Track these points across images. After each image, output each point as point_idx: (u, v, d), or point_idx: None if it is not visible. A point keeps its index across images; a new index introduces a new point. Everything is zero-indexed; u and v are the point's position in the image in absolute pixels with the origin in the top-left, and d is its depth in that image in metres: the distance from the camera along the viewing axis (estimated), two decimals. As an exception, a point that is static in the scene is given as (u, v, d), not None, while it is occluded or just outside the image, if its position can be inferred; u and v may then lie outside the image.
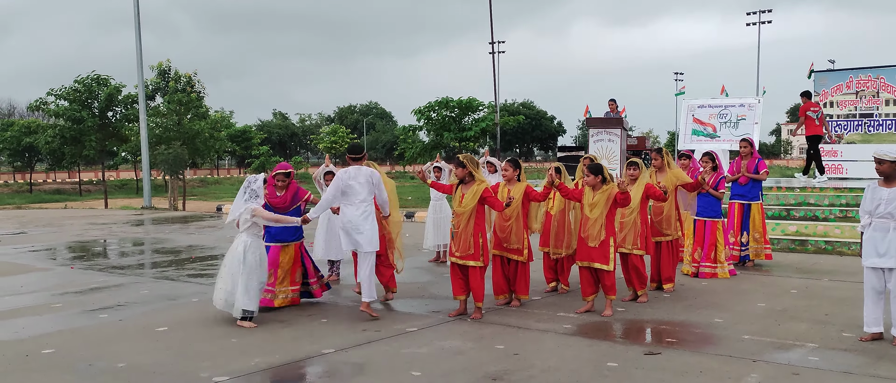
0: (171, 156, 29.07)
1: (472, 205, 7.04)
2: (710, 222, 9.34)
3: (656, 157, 9.00)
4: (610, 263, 7.20)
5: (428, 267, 10.77)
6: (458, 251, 7.15)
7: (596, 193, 7.22)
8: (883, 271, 6.15)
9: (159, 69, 36.81)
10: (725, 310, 7.52)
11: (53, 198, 39.23)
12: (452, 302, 7.61)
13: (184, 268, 10.84)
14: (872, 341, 6.24)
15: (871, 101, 15.67)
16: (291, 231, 7.70)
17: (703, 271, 9.37)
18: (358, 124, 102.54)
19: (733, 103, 17.24)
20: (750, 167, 10.24)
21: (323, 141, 78.43)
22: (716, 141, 16.90)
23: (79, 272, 10.57)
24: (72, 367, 5.68)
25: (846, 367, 5.54)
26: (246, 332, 6.72)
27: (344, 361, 5.82)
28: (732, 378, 5.28)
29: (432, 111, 34.98)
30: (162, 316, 7.51)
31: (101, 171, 44.36)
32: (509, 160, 7.83)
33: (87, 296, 8.64)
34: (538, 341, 6.37)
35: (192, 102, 31.93)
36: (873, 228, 6.17)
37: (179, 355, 5.99)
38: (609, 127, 17.13)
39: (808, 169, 15.92)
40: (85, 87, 36.10)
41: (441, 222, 10.93)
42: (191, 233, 16.42)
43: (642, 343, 6.41)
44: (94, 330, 6.90)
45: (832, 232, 12.20)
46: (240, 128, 70.07)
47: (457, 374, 5.41)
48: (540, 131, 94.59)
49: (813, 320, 7.07)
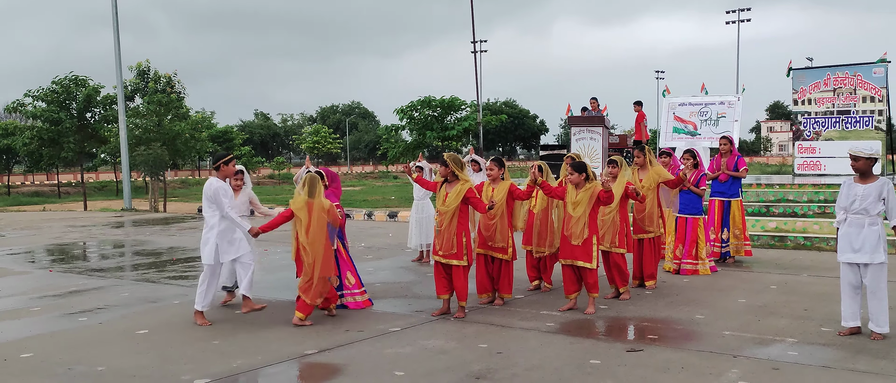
0: (152, 158, 28.81)
1: (456, 205, 7.04)
2: (691, 219, 9.41)
3: (639, 155, 9.05)
4: (593, 261, 7.24)
5: (411, 266, 10.77)
6: (442, 250, 7.15)
7: (579, 191, 7.25)
8: (858, 266, 6.23)
9: (138, 69, 36.43)
10: (706, 307, 7.58)
11: (31, 201, 38.74)
12: (436, 301, 7.61)
13: (165, 271, 10.75)
14: (850, 335, 6.31)
15: (848, 98, 15.84)
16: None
17: (685, 268, 9.44)
18: (340, 124, 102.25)
19: (713, 101, 17.38)
20: (730, 164, 10.34)
21: (305, 141, 78.10)
22: (696, 138, 17.04)
23: (58, 275, 10.45)
24: (51, 372, 5.62)
25: (825, 362, 5.60)
26: (228, 334, 6.68)
27: (326, 362, 5.81)
28: (713, 373, 5.32)
29: (415, 110, 34.90)
30: (142, 318, 7.45)
31: (80, 173, 43.86)
32: (494, 159, 7.85)
33: (67, 300, 8.55)
34: (521, 339, 6.39)
35: (172, 103, 31.65)
36: (848, 224, 6.24)
37: (160, 358, 5.94)
38: (591, 125, 17.21)
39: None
40: (63, 87, 35.69)
41: (424, 222, 10.94)
42: (172, 234, 16.30)
43: (625, 340, 6.45)
44: (74, 334, 6.83)
45: (811, 228, 12.33)
46: (221, 129, 69.56)
47: (440, 374, 5.41)
48: (522, 130, 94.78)
49: (792, 315, 7.15)
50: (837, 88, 16.00)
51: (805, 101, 16.39)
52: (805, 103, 16.39)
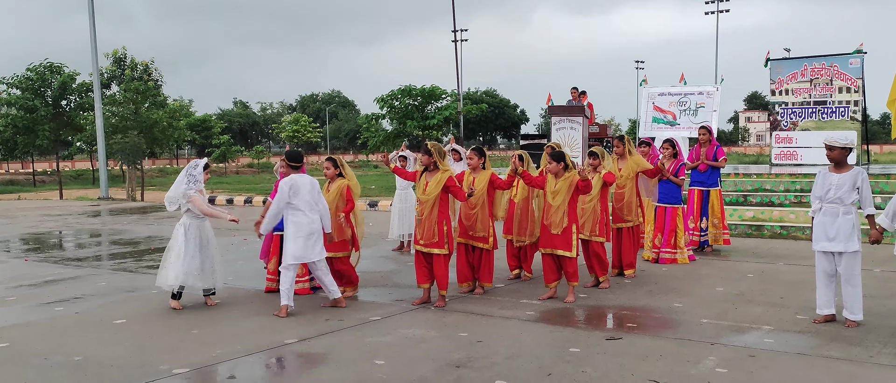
0: (129, 146, 28.51)
1: (436, 193, 7.04)
2: (670, 208, 9.48)
3: (618, 144, 9.10)
4: (572, 250, 7.27)
5: (392, 256, 10.76)
6: (423, 239, 7.15)
7: (558, 180, 7.28)
8: (833, 255, 6.32)
9: (115, 57, 35.93)
10: (685, 295, 7.65)
11: (6, 190, 38.19)
12: (416, 290, 7.62)
13: (142, 260, 10.66)
14: (825, 323, 6.40)
15: (824, 89, 16.01)
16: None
17: (664, 257, 9.52)
18: (320, 113, 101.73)
19: (692, 91, 17.47)
20: (708, 154, 10.42)
21: (285, 130, 77.58)
22: (675, 128, 17.13)
23: (33, 264, 10.33)
24: (27, 361, 5.55)
25: (800, 349, 5.68)
26: (207, 323, 6.65)
27: (307, 351, 5.80)
28: (691, 361, 5.38)
29: (395, 99, 34.84)
30: (120, 308, 7.38)
31: (55, 161, 43.33)
32: (474, 148, 7.85)
33: (43, 289, 8.46)
34: (501, 328, 6.41)
35: (149, 91, 31.31)
36: (823, 213, 6.32)
37: (138, 347, 5.90)
38: (571, 115, 17.25)
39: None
40: (37, 75, 35.20)
41: (406, 212, 10.93)
42: (149, 223, 16.16)
43: (604, 328, 6.50)
44: (50, 324, 6.76)
45: (787, 217, 12.48)
46: (199, 118, 68.96)
47: (420, 362, 5.42)
48: (503, 119, 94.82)
49: (768, 303, 7.24)
50: (814, 79, 16.17)
51: (782, 92, 16.54)
52: (782, 94, 16.55)
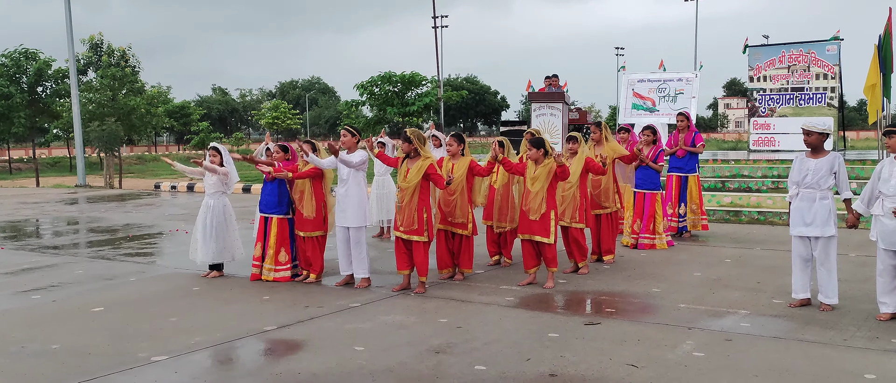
0: (106, 133, 28.17)
1: (417, 181, 7.04)
2: (649, 194, 9.54)
3: (595, 131, 9.14)
4: (551, 236, 7.30)
5: (372, 242, 10.75)
6: (403, 226, 7.15)
7: (538, 167, 7.29)
8: (809, 239, 6.40)
9: (91, 43, 35.44)
10: (663, 280, 7.72)
11: (-19, 177, 37.69)
12: (396, 277, 7.62)
13: (120, 248, 10.57)
14: (801, 307, 6.49)
15: (802, 75, 16.16)
16: (273, 203, 7.72)
17: (642, 242, 9.59)
18: (300, 99, 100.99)
19: (672, 78, 17.55)
20: (687, 140, 10.49)
21: (264, 117, 76.96)
22: (655, 114, 17.21)
23: (9, 252, 10.21)
24: (3, 350, 5.50)
25: (776, 332, 5.76)
26: (186, 311, 6.61)
27: (286, 338, 5.79)
28: (668, 345, 5.44)
29: (375, 86, 34.64)
30: (98, 296, 7.32)
31: (32, 149, 42.77)
32: (453, 135, 7.84)
33: (19, 277, 8.37)
34: (481, 314, 6.44)
35: (126, 77, 30.95)
36: (800, 198, 6.39)
37: (116, 335, 5.86)
38: (551, 101, 17.29)
39: None
40: (12, 61, 34.67)
41: (385, 198, 10.91)
42: (128, 211, 16.01)
43: (583, 313, 6.54)
44: (27, 312, 6.69)
45: (764, 202, 12.61)
46: (178, 104, 68.21)
47: (400, 348, 5.43)
48: (483, 106, 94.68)
49: (745, 288, 7.32)
50: (792, 65, 16.31)
51: (760, 78, 16.68)
52: (760, 80, 16.69)
